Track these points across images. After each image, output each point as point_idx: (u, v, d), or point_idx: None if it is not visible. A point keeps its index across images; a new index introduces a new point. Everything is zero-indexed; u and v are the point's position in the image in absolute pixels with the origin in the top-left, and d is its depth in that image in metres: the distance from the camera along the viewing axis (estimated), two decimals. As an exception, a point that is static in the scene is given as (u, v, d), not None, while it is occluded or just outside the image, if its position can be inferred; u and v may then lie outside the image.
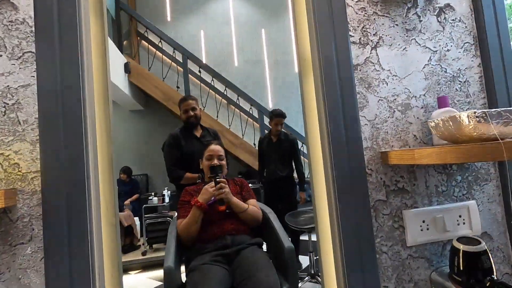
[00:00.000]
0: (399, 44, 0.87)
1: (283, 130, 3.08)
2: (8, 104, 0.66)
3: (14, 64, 0.67)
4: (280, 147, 2.98)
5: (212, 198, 1.51)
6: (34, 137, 0.66)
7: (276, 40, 5.86)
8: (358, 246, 0.76)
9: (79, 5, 0.69)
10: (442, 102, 0.83)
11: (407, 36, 0.88)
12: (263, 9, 5.88)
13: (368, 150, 0.81)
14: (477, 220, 0.84)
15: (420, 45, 0.88)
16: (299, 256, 3.07)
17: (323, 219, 0.86)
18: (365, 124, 0.82)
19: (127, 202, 4.23)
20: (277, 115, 2.98)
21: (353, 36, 0.85)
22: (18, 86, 0.67)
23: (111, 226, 0.79)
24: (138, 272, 3.39)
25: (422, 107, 0.86)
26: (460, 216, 0.83)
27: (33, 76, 0.67)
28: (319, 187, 0.89)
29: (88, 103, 0.70)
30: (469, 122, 0.63)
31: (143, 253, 3.56)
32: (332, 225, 0.79)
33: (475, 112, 0.62)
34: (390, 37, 0.87)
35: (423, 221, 0.81)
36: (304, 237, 3.24)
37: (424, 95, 0.86)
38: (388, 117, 0.84)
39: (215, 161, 1.64)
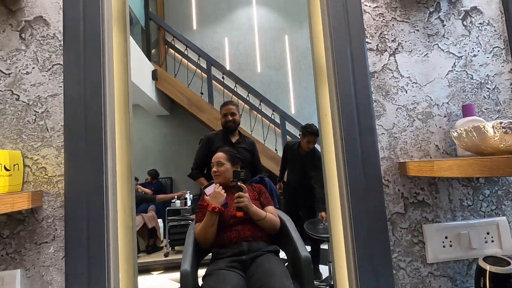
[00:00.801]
0: (419, 50, 0.83)
1: None
2: (38, 112, 0.72)
3: (45, 76, 0.73)
4: (307, 160, 2.84)
5: (225, 201, 1.52)
6: (59, 143, 0.71)
7: (299, 46, 5.85)
8: (373, 261, 0.73)
9: (103, 21, 0.74)
10: (467, 111, 0.78)
11: (428, 42, 0.84)
12: (286, 15, 5.90)
13: (385, 160, 0.78)
14: (508, 238, 0.77)
15: (443, 50, 0.84)
16: (320, 265, 2.99)
17: (336, 231, 0.84)
18: (382, 133, 0.79)
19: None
20: (312, 134, 2.72)
21: (370, 43, 0.82)
22: (47, 96, 0.72)
23: (127, 228, 0.83)
24: (161, 273, 3.48)
25: (445, 116, 0.81)
26: (488, 233, 0.77)
27: (61, 86, 0.72)
28: (333, 197, 0.87)
29: (109, 112, 0.74)
30: (494, 133, 0.58)
31: (165, 255, 3.66)
32: (345, 237, 0.77)
33: (501, 123, 0.57)
34: (410, 43, 0.83)
35: (446, 237, 0.76)
36: (324, 246, 3.15)
37: (447, 103, 0.82)
38: (407, 126, 0.80)
39: (214, 168, 1.66)
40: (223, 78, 5.22)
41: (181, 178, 5.61)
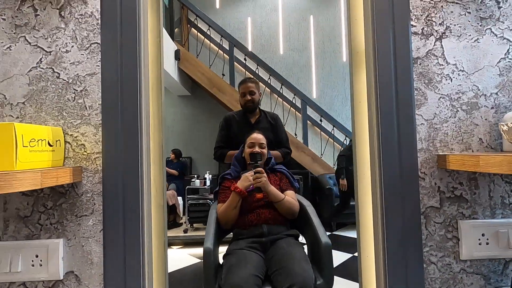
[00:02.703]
0: (469, 35, 0.77)
1: None
2: (77, 90, 0.74)
3: (83, 54, 0.74)
4: None
5: (251, 187, 1.54)
6: (97, 121, 0.73)
7: (324, 28, 5.61)
8: (404, 253, 0.71)
9: (139, 1, 0.73)
10: (519, 103, 0.72)
11: (480, 26, 0.77)
12: (313, -6, 5.64)
13: (423, 152, 0.75)
14: (551, 240, 0.73)
15: (496, 36, 0.77)
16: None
17: (365, 221, 0.83)
18: (422, 123, 0.75)
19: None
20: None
21: (415, 26, 0.77)
22: (86, 75, 0.74)
23: (159, 207, 0.86)
24: (180, 248, 3.65)
25: (492, 107, 0.76)
26: (529, 233, 0.73)
27: (98, 66, 0.73)
28: (363, 186, 0.85)
29: (144, 91, 0.75)
30: (554, 128, 0.54)
31: (185, 231, 3.81)
32: (375, 228, 0.76)
33: None
34: (460, 26, 0.77)
35: (483, 235, 0.73)
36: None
37: (496, 93, 0.76)
38: (450, 117, 0.76)
39: (256, 149, 1.66)
40: (245, 59, 5.15)
41: (200, 158, 5.72)
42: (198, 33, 5.33)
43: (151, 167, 0.80)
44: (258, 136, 1.72)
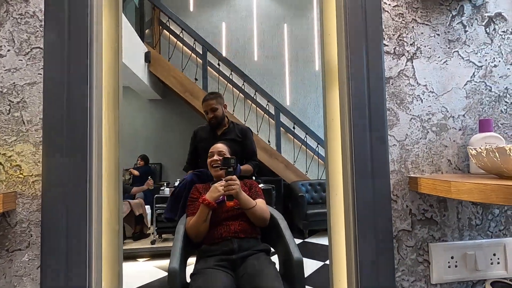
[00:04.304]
0: (439, 57, 0.77)
1: None
2: (13, 102, 0.63)
3: (22, 60, 0.64)
4: None
5: (221, 198, 1.47)
6: (37, 138, 0.63)
7: (298, 37, 5.71)
8: (377, 279, 0.69)
9: (91, -1, 0.64)
10: (484, 125, 0.73)
11: (449, 48, 0.78)
12: (287, 3, 5.73)
13: (395, 173, 0.73)
14: (514, 260, 0.74)
15: (463, 58, 0.78)
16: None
17: (338, 246, 0.79)
18: (394, 144, 0.74)
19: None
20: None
21: (387, 45, 0.76)
22: (24, 84, 0.63)
23: (113, 232, 0.76)
24: (146, 260, 3.44)
25: (460, 129, 0.76)
26: (494, 255, 0.74)
27: (40, 74, 0.63)
28: (335, 208, 0.82)
29: (96, 104, 0.66)
30: (521, 157, 0.54)
31: (152, 242, 3.61)
32: (348, 252, 0.72)
33: (530, 147, 0.53)
34: (430, 48, 0.77)
35: (452, 257, 0.73)
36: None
37: (463, 115, 0.77)
38: (420, 138, 0.75)
39: (215, 157, 1.61)
40: (218, 64, 5.06)
41: (171, 164, 5.51)
42: (171, 35, 5.16)
43: (104, 189, 0.71)
44: (217, 145, 1.68)
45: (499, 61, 0.79)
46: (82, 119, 0.63)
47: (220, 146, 1.68)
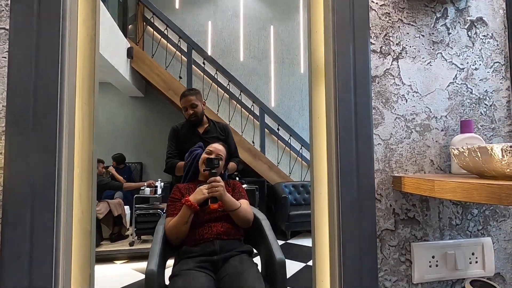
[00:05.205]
0: (423, 58, 0.78)
1: None
2: (-28, 87, 0.57)
3: (-16, 42, 0.58)
4: None
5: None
6: None
7: (284, 39, 5.74)
8: (360, 280, 0.68)
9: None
10: (465, 126, 0.74)
11: (433, 49, 0.79)
12: (274, 6, 5.75)
13: (379, 173, 0.73)
14: (491, 259, 0.76)
15: (446, 60, 0.79)
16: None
17: (321, 246, 0.78)
18: (378, 143, 0.74)
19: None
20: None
21: (374, 44, 0.76)
22: (-14, 68, 0.58)
23: (85, 233, 0.71)
24: (124, 262, 3.32)
25: (442, 130, 0.77)
26: (473, 254, 0.75)
27: (4, 57, 0.58)
28: (320, 207, 0.81)
29: (67, 91, 0.61)
30: (503, 156, 0.54)
31: (131, 244, 3.49)
32: (332, 252, 0.71)
33: (511, 146, 0.53)
34: (415, 48, 0.78)
35: (433, 257, 0.73)
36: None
37: (446, 116, 0.78)
38: (404, 138, 0.75)
39: (213, 156, 1.57)
40: (203, 63, 4.99)
41: (152, 164, 5.37)
42: (155, 32, 5.04)
43: (76, 186, 0.66)
44: (218, 147, 1.63)
45: (480, 64, 0.81)
46: (52, 107, 0.58)
47: (221, 150, 1.63)
